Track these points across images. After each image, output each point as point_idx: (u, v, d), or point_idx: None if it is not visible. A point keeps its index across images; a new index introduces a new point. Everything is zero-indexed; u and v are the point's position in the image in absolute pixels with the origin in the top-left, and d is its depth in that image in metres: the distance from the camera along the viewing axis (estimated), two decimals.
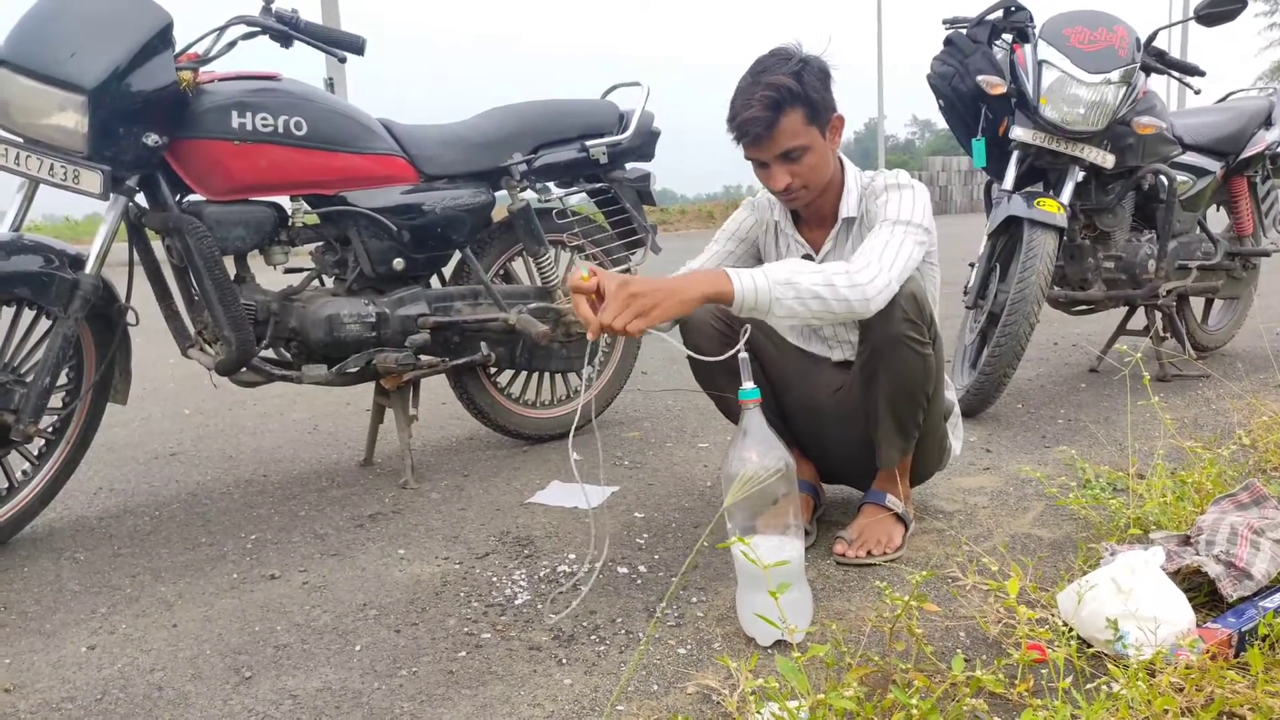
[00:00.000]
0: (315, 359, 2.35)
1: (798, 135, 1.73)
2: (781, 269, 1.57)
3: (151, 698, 1.45)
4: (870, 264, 1.65)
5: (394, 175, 2.43)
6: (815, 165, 1.77)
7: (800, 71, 1.72)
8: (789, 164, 1.76)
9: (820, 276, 1.58)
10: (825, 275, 1.58)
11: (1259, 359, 3.68)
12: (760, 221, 2.01)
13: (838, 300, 1.58)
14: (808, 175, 1.78)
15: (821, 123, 1.76)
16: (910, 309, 1.73)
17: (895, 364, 1.76)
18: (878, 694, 1.31)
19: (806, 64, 1.74)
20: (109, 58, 1.94)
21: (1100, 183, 3.09)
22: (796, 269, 1.58)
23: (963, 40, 3.07)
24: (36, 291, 1.98)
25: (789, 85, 1.70)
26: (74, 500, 2.42)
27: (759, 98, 1.71)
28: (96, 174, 1.96)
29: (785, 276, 1.55)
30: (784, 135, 1.72)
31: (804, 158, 1.76)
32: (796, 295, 1.55)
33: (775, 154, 1.75)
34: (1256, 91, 3.91)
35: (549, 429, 2.84)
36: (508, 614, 1.69)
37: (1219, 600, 1.52)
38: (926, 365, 1.78)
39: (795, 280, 1.55)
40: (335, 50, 2.26)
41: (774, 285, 1.54)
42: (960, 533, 1.98)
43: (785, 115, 1.71)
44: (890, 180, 1.84)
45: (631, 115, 2.79)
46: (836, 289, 1.58)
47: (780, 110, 1.70)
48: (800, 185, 1.78)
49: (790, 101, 1.70)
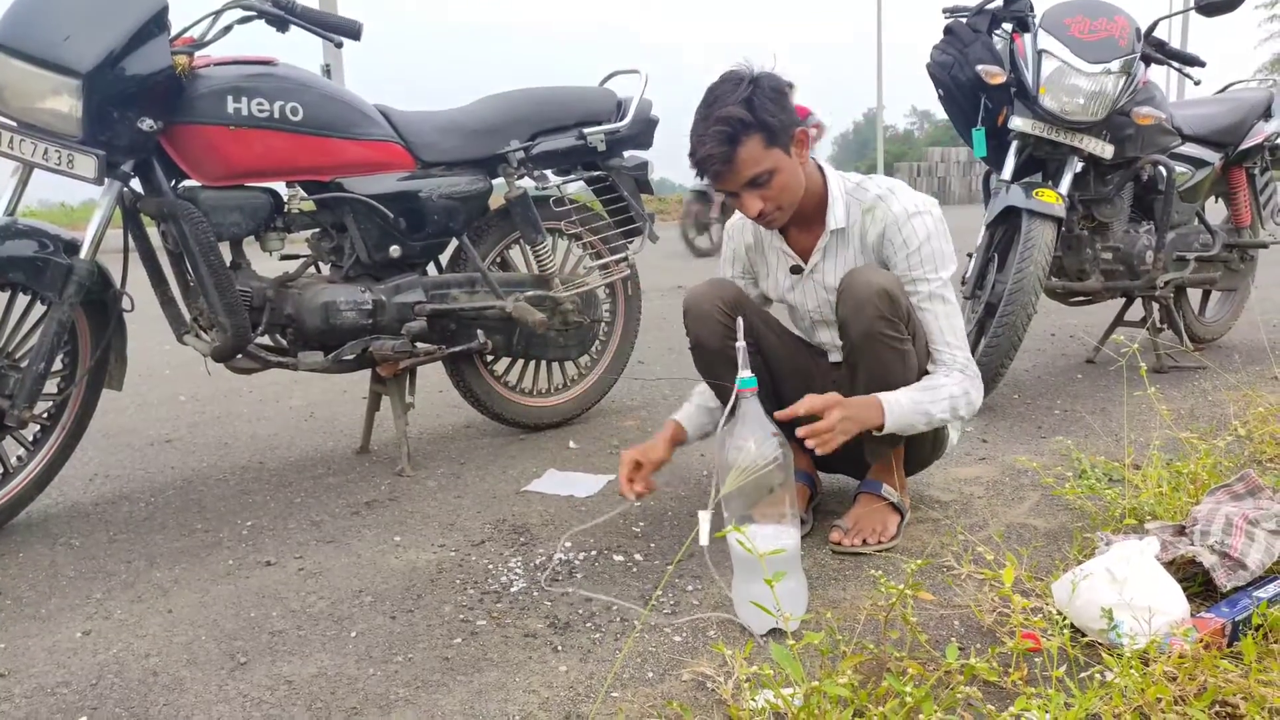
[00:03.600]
0: (311, 346, 2.34)
1: (759, 162, 1.71)
2: (921, 399, 1.79)
3: (146, 683, 1.45)
4: (963, 367, 1.85)
5: (391, 162, 2.42)
6: (785, 185, 1.76)
7: (750, 97, 1.69)
8: (757, 190, 1.75)
9: (948, 404, 1.82)
10: (951, 401, 1.82)
11: (1256, 350, 3.68)
12: (741, 245, 2.03)
13: (957, 418, 1.85)
14: (779, 196, 1.76)
15: (782, 142, 1.73)
16: (884, 306, 1.73)
17: (873, 361, 1.78)
18: (872, 682, 1.31)
19: (757, 85, 1.70)
20: (104, 41, 1.92)
21: (1099, 173, 3.09)
22: (933, 399, 1.80)
23: (962, 29, 3.06)
24: (31, 277, 1.97)
25: (739, 116, 1.68)
26: (69, 486, 2.42)
27: (712, 133, 1.70)
28: (91, 159, 1.95)
29: (924, 408, 1.79)
30: (745, 165, 1.71)
31: (772, 181, 1.74)
32: (928, 421, 1.81)
33: (741, 184, 1.74)
34: (1256, 83, 3.91)
35: (545, 417, 2.84)
36: (503, 601, 1.69)
37: (1213, 590, 1.52)
38: (905, 361, 1.79)
39: (930, 410, 1.80)
40: (331, 35, 2.24)
41: (915, 415, 1.78)
42: (956, 522, 1.99)
43: (742, 146, 1.69)
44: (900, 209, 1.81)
45: (630, 103, 2.78)
46: (958, 411, 1.84)
47: (736, 143, 1.69)
48: (774, 208, 1.78)
49: (744, 131, 1.69)
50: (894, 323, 1.75)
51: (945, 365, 1.84)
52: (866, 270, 1.79)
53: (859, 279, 1.77)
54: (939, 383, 1.81)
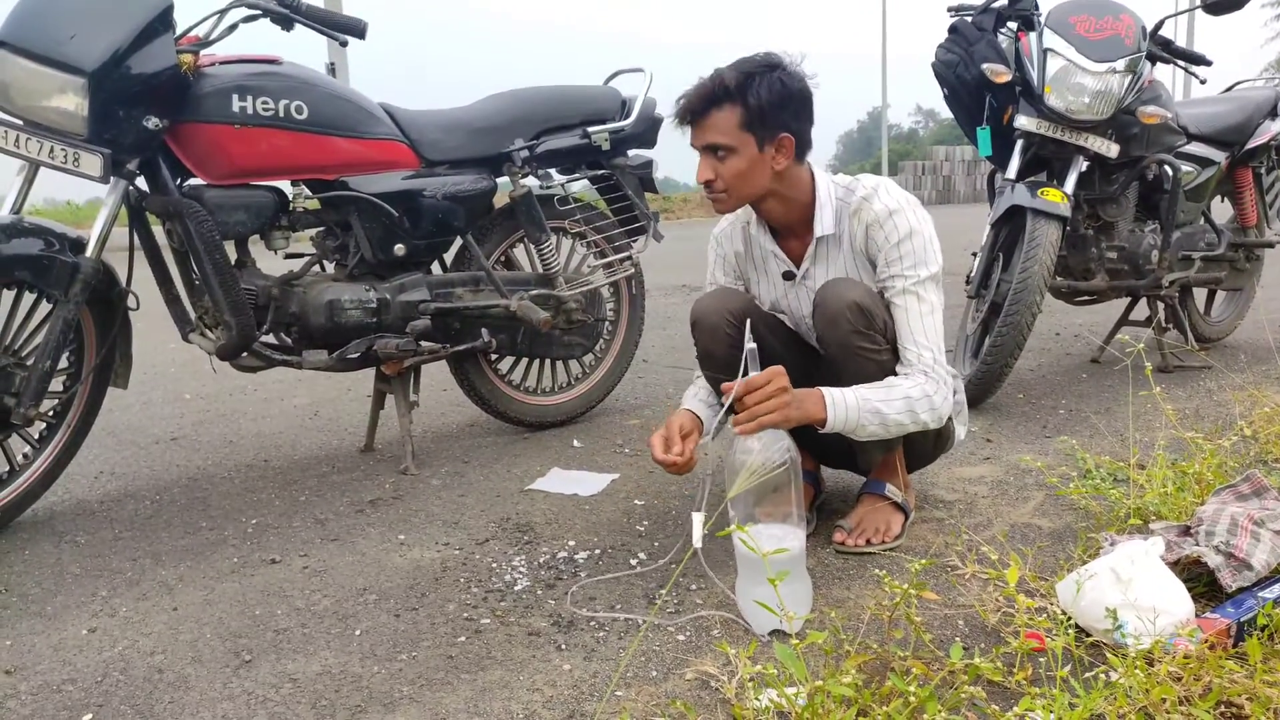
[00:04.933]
0: (316, 344, 2.35)
1: (726, 134, 1.71)
2: (870, 397, 1.71)
3: (152, 680, 1.45)
4: (928, 368, 1.76)
5: (395, 160, 2.42)
6: (739, 172, 1.74)
7: (755, 76, 1.69)
8: (714, 159, 1.74)
9: (902, 404, 1.73)
10: (908, 402, 1.74)
11: (1261, 350, 3.67)
12: (730, 252, 2.01)
13: (916, 423, 1.76)
14: (730, 179, 1.75)
15: (760, 134, 1.71)
16: (856, 320, 1.72)
17: (854, 374, 1.77)
18: (876, 681, 1.31)
19: (770, 73, 1.69)
20: (109, 40, 1.93)
21: (1104, 172, 3.08)
22: (885, 399, 1.72)
23: (968, 28, 3.05)
24: (37, 275, 1.97)
25: (730, 83, 1.69)
26: (75, 484, 2.42)
27: (702, 84, 1.72)
28: (97, 157, 1.96)
29: (874, 406, 1.71)
30: (711, 129, 1.72)
31: (729, 159, 1.73)
32: (881, 423, 1.72)
33: (702, 144, 1.75)
34: (1263, 82, 3.89)
35: (549, 416, 2.84)
36: (507, 599, 1.69)
37: (1218, 591, 1.52)
38: (885, 370, 1.78)
39: (882, 410, 1.72)
40: (336, 34, 2.25)
41: (863, 413, 1.70)
42: (960, 522, 1.98)
43: (718, 109, 1.70)
44: (880, 208, 1.77)
45: (634, 102, 2.78)
46: (917, 414, 1.75)
47: (714, 103, 1.70)
48: (721, 188, 1.76)
49: (726, 98, 1.69)
50: (868, 334, 1.74)
51: (908, 365, 1.77)
52: (840, 284, 1.78)
53: (832, 293, 1.76)
54: (895, 383, 1.75)
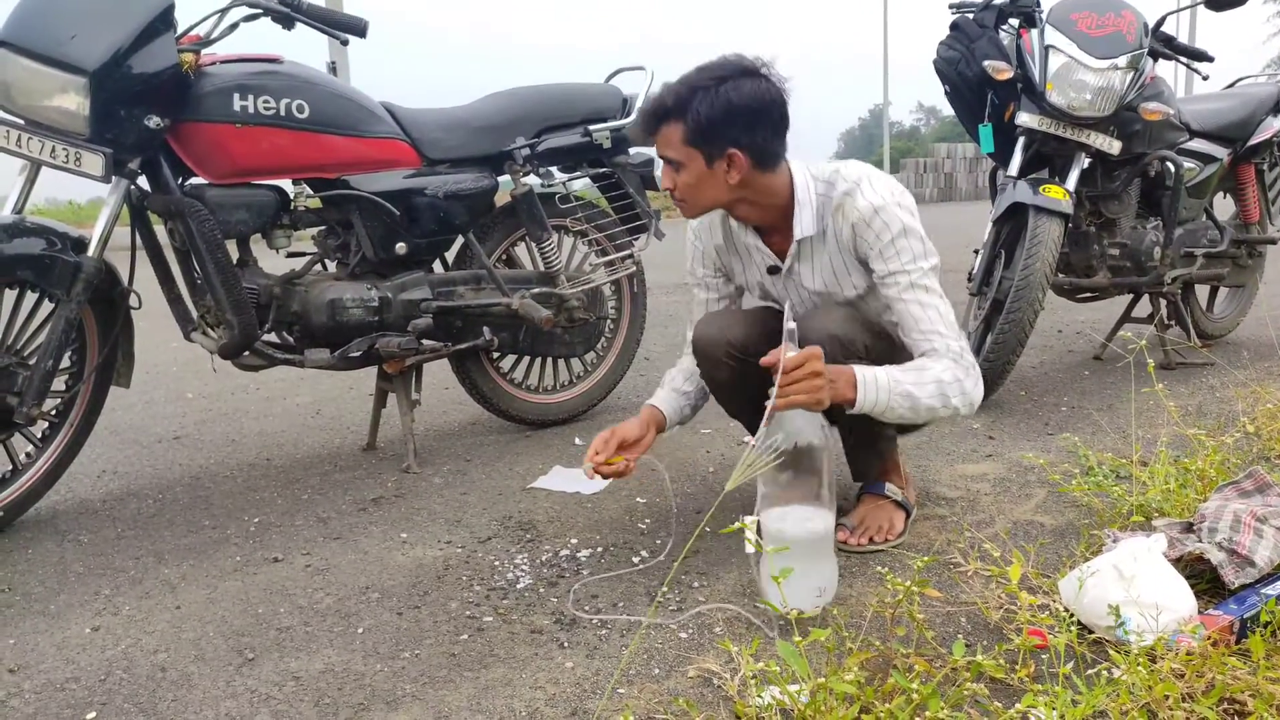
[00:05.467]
0: (318, 343, 2.35)
1: (673, 149, 1.72)
2: (903, 379, 1.66)
3: (155, 678, 1.46)
4: (956, 355, 1.71)
5: (397, 159, 2.42)
6: (691, 185, 1.73)
7: (698, 91, 1.66)
8: (670, 169, 1.75)
9: (935, 388, 1.68)
10: (940, 386, 1.69)
11: (1264, 347, 3.67)
12: (710, 245, 1.98)
13: (948, 409, 1.71)
14: (684, 190, 1.75)
15: (706, 150, 1.69)
16: (836, 351, 1.70)
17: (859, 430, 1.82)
18: (878, 678, 1.31)
19: (718, 87, 1.65)
20: (110, 39, 1.93)
21: (1106, 169, 3.07)
22: (917, 381, 1.67)
23: (969, 25, 3.05)
24: (39, 274, 1.98)
25: (670, 101, 1.69)
26: (77, 483, 2.43)
27: (651, 98, 1.74)
28: (98, 156, 1.96)
29: (905, 389, 1.66)
30: (661, 142, 1.73)
31: (681, 172, 1.73)
32: (912, 406, 1.67)
33: (659, 154, 1.76)
34: (1265, 78, 3.88)
35: (551, 414, 2.84)
36: (509, 597, 1.69)
37: (1221, 587, 1.52)
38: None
39: (914, 394, 1.67)
40: (337, 33, 2.25)
41: (893, 396, 1.65)
42: (962, 519, 1.98)
43: (665, 125, 1.71)
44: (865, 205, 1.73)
45: (635, 100, 2.78)
46: (949, 399, 1.70)
47: (660, 119, 1.71)
48: (680, 196, 1.77)
49: (668, 116, 1.70)
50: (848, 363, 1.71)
51: (936, 353, 1.71)
52: (816, 316, 1.77)
53: (808, 326, 1.73)
54: (927, 365, 1.70)
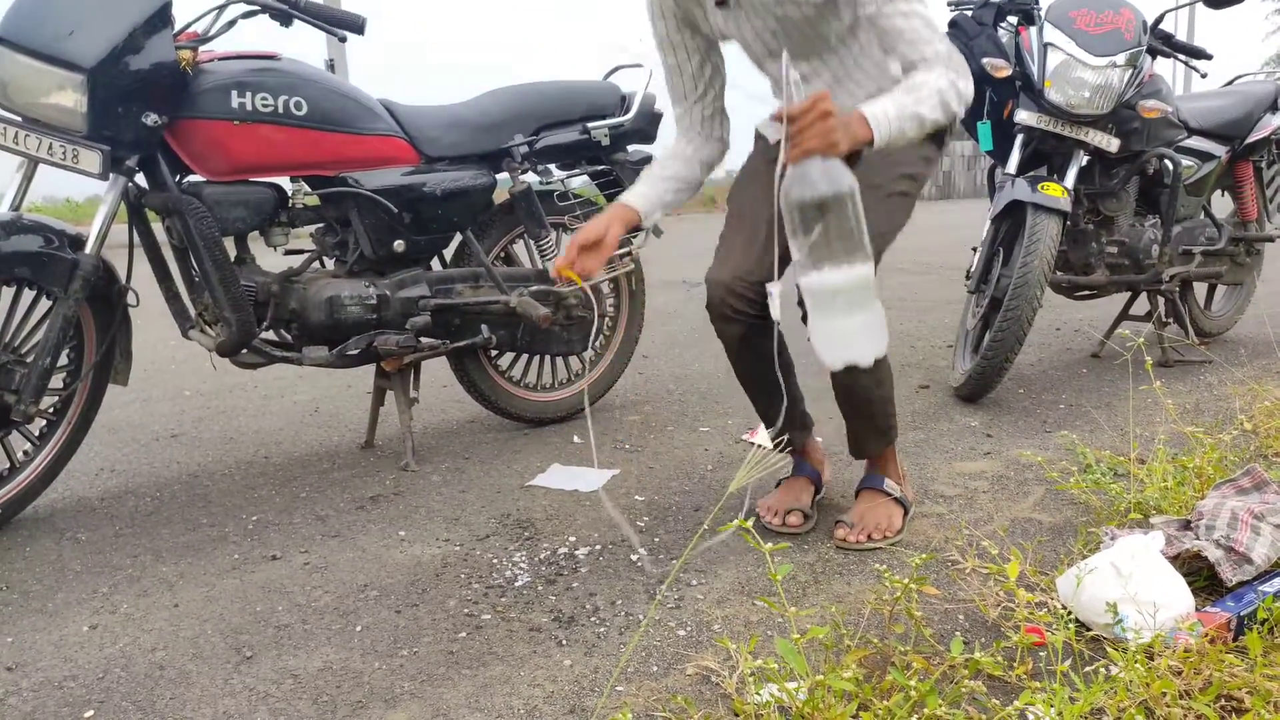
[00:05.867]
0: (316, 341, 2.34)
1: None
2: (907, 103, 1.60)
3: (153, 676, 1.45)
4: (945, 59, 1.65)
5: (395, 156, 2.42)
6: None
7: None
8: None
9: (936, 99, 1.62)
10: (940, 96, 1.62)
11: (1262, 345, 3.67)
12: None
13: (949, 116, 1.66)
14: None
15: None
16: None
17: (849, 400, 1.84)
18: (876, 675, 1.31)
19: None
20: (108, 36, 1.92)
21: (1104, 167, 3.08)
22: (918, 99, 1.61)
23: (968, 22, 3.05)
24: (36, 272, 1.97)
25: None
26: (75, 481, 2.42)
27: None
28: (95, 154, 1.95)
29: (912, 111, 1.60)
30: None
31: None
32: (919, 125, 1.62)
33: None
34: (1263, 76, 3.88)
35: (550, 412, 2.84)
36: (508, 595, 1.69)
37: (1218, 585, 1.52)
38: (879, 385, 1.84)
39: (921, 113, 1.61)
40: (335, 30, 2.24)
41: (904, 121, 1.60)
42: (960, 517, 1.99)
43: None
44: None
45: (634, 97, 2.77)
46: (949, 104, 1.64)
47: None
48: None
49: None
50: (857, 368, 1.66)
51: (927, 61, 1.65)
52: None
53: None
54: (920, 80, 1.63)
